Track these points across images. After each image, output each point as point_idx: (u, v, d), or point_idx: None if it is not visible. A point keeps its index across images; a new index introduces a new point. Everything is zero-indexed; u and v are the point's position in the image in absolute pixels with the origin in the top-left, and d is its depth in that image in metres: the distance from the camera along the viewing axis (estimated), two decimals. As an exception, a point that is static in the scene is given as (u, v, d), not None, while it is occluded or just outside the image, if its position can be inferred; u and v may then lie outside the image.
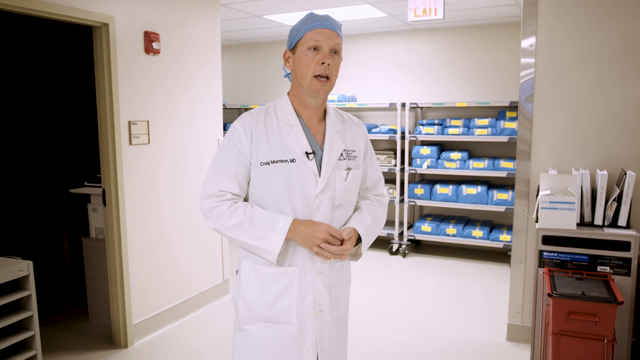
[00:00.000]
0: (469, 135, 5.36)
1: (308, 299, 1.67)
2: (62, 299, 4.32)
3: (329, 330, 1.72)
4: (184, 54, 3.84)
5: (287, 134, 1.63)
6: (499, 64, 5.69)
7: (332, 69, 1.60)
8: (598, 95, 3.19)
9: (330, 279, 1.72)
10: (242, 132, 1.63)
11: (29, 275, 2.76)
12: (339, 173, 1.67)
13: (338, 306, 1.76)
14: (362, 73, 6.44)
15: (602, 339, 2.45)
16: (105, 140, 3.32)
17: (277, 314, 1.67)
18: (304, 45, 1.60)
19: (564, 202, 2.89)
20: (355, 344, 3.51)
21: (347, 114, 1.83)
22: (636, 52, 3.09)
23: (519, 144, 3.40)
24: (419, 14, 4.11)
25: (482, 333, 3.67)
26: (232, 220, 1.60)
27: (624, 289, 2.79)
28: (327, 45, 1.58)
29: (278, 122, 1.66)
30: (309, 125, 1.69)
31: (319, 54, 1.58)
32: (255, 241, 1.59)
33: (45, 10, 2.84)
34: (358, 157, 1.76)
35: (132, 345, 3.50)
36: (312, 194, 1.63)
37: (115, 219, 3.37)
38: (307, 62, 1.59)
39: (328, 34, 1.59)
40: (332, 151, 1.67)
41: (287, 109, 1.68)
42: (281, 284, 1.66)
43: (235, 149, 1.63)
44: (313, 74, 1.58)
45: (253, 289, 1.69)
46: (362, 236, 1.70)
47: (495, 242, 5.26)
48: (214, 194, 1.63)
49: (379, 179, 1.90)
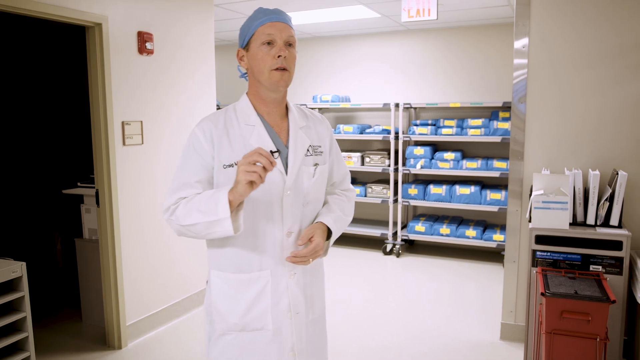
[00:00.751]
0: (462, 135, 5.38)
1: (283, 302, 1.62)
2: (55, 300, 4.29)
3: (305, 332, 1.68)
4: (178, 54, 3.84)
5: (249, 134, 1.59)
6: (492, 65, 5.72)
7: (288, 61, 1.56)
8: (590, 96, 3.22)
9: (305, 280, 1.68)
10: (202, 137, 1.58)
11: (22, 277, 2.75)
12: (306, 169, 1.64)
13: (314, 307, 1.73)
14: (356, 73, 6.45)
15: (595, 338, 2.47)
16: (99, 141, 3.31)
17: (252, 321, 1.62)
18: (257, 40, 1.56)
19: (556, 202, 2.91)
20: (348, 344, 3.52)
21: (310, 110, 1.80)
22: (627, 54, 3.12)
23: (512, 144, 3.42)
24: (412, 14, 4.12)
25: (475, 332, 3.69)
26: (185, 208, 1.53)
27: (616, 287, 2.82)
28: (280, 38, 1.55)
29: (239, 122, 1.61)
30: (272, 123, 1.64)
31: (274, 47, 1.55)
32: (206, 217, 1.47)
33: (37, 10, 2.83)
34: (324, 152, 1.73)
35: (126, 346, 3.49)
36: (281, 193, 1.58)
37: (109, 219, 3.36)
38: (263, 57, 1.55)
39: (280, 26, 1.56)
40: (297, 147, 1.63)
41: (247, 109, 1.63)
42: (254, 289, 1.60)
43: (196, 155, 1.58)
44: (270, 68, 1.54)
45: (225, 298, 1.63)
46: (330, 227, 1.66)
47: (488, 242, 5.28)
48: (172, 203, 1.58)
49: (346, 174, 1.87)
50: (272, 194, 1.58)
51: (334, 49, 6.54)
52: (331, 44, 6.55)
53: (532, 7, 3.28)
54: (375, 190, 5.88)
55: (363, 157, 5.94)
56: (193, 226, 1.52)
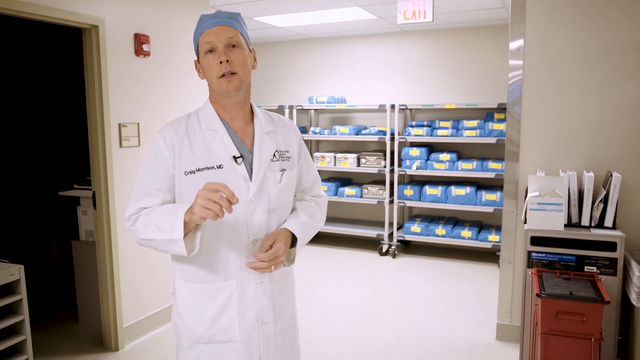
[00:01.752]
0: (458, 136, 5.41)
1: (250, 312, 1.57)
2: (52, 302, 4.29)
3: (274, 343, 1.63)
4: (175, 56, 3.84)
5: (211, 140, 1.55)
6: (487, 66, 5.74)
7: (234, 64, 1.51)
8: (584, 98, 3.25)
9: (273, 289, 1.62)
10: (162, 144, 1.54)
11: (20, 280, 2.74)
12: (272, 175, 1.59)
13: (283, 317, 1.67)
14: (352, 75, 6.47)
15: (590, 338, 2.50)
16: (95, 143, 3.31)
17: (218, 333, 1.57)
18: (201, 51, 1.54)
19: (551, 204, 2.94)
20: (345, 344, 3.54)
21: (278, 115, 1.75)
22: (621, 55, 3.14)
23: (508, 145, 3.44)
24: (408, 17, 4.14)
25: (471, 333, 3.71)
26: (145, 220, 1.51)
27: (610, 288, 2.84)
28: (220, 42, 1.51)
29: (201, 128, 1.58)
30: (236, 128, 1.60)
31: (216, 54, 1.51)
32: (162, 234, 1.45)
33: (34, 12, 2.82)
34: (292, 157, 1.68)
35: (123, 348, 3.49)
36: (245, 199, 1.54)
37: (106, 221, 3.36)
38: (209, 66, 1.52)
39: (217, 31, 1.52)
40: (262, 153, 1.58)
41: (210, 114, 1.60)
42: (219, 300, 1.55)
43: (156, 162, 1.55)
44: (217, 76, 1.51)
45: (190, 309, 1.58)
46: (295, 233, 1.60)
47: (484, 243, 5.31)
48: (133, 213, 1.56)
49: (316, 179, 1.81)
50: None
51: (330, 51, 6.55)
52: (327, 46, 6.56)
53: (527, 10, 3.30)
54: (371, 191, 5.89)
55: (359, 158, 5.95)
56: (151, 241, 1.51)
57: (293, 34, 6.26)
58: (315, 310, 4.16)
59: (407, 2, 4.16)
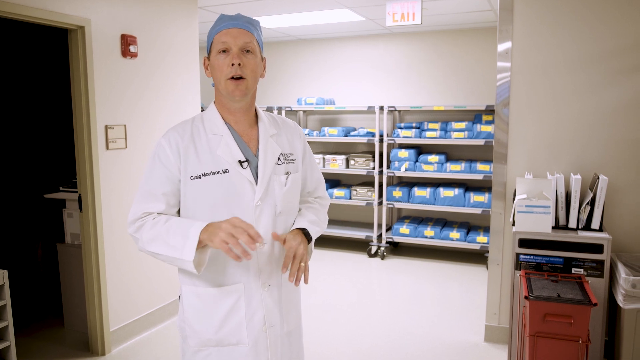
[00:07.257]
0: (446, 138, 5.43)
1: (257, 315, 1.58)
2: (36, 306, 4.23)
3: (281, 345, 1.65)
4: (162, 57, 3.80)
5: (216, 144, 1.55)
6: (475, 68, 5.77)
7: (245, 68, 1.51)
8: (572, 101, 3.27)
9: (280, 292, 1.64)
10: (168, 148, 1.54)
11: (4, 285, 2.70)
12: (277, 178, 1.60)
13: (289, 319, 1.69)
14: (341, 76, 6.46)
15: (577, 340, 2.51)
16: (82, 145, 3.27)
17: (227, 336, 1.58)
18: (214, 49, 1.53)
19: (539, 206, 2.95)
20: (333, 347, 3.53)
21: (282, 117, 1.75)
22: (608, 59, 3.17)
23: (496, 147, 3.46)
24: (397, 19, 4.15)
25: (460, 334, 3.72)
26: (152, 232, 1.50)
27: (597, 290, 2.87)
28: (235, 45, 1.51)
29: (206, 132, 1.57)
30: (240, 132, 1.60)
31: (229, 55, 1.51)
32: (171, 251, 1.45)
33: (18, 12, 2.78)
34: (296, 160, 1.68)
35: (110, 352, 3.45)
36: (252, 203, 1.55)
37: (92, 224, 3.32)
38: (220, 66, 1.52)
39: (235, 33, 1.52)
40: (267, 156, 1.59)
41: (215, 118, 1.59)
42: (227, 304, 1.57)
43: (161, 166, 1.55)
44: (226, 77, 1.51)
45: (197, 313, 1.59)
46: (307, 228, 1.62)
47: (472, 244, 5.33)
48: (138, 217, 1.54)
49: (320, 181, 1.82)
50: (242, 205, 1.55)
51: (319, 52, 6.55)
52: (316, 47, 6.55)
53: (515, 13, 3.32)
54: (360, 193, 5.90)
55: (348, 160, 5.95)
56: (157, 255, 1.51)
57: (282, 35, 6.24)
58: (303, 312, 4.13)
59: (396, 4, 4.17)
